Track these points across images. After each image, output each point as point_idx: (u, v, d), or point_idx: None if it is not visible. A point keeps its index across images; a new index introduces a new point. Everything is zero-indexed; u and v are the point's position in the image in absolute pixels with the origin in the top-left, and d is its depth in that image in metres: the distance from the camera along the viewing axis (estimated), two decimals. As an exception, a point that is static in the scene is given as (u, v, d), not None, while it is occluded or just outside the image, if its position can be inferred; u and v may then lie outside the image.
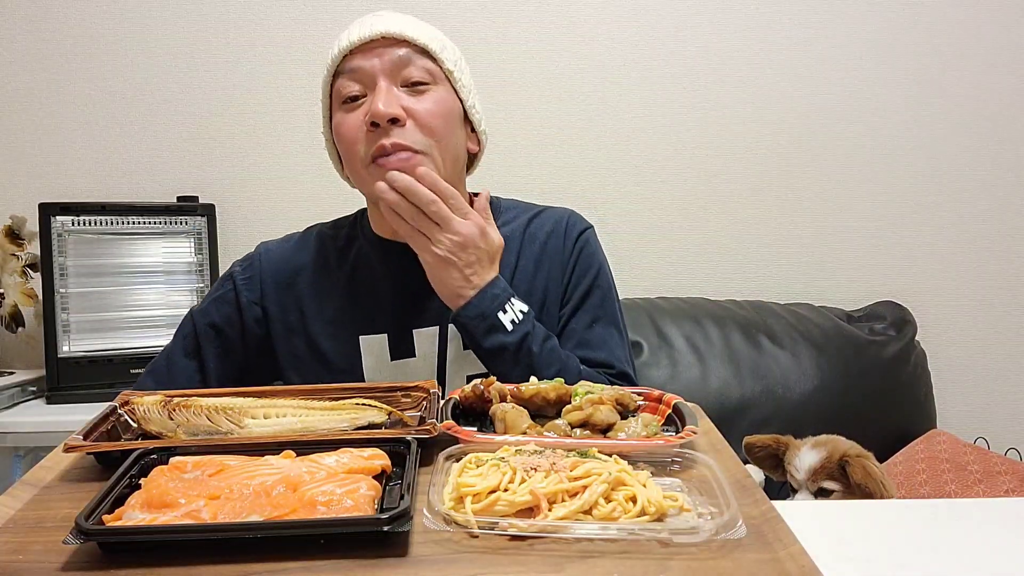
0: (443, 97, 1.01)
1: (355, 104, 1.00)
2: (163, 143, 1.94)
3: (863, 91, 1.97)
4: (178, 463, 0.60)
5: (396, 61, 0.98)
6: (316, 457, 0.61)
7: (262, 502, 0.53)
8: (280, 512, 0.52)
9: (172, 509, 0.52)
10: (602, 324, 1.09)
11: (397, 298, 1.07)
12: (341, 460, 0.60)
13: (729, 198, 1.99)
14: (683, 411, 0.73)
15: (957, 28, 1.95)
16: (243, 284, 1.10)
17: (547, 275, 1.10)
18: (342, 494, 0.54)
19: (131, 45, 1.92)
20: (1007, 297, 2.02)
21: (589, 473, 0.56)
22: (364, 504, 0.54)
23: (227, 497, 0.54)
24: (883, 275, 2.00)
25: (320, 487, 0.55)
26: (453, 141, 1.02)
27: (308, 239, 1.15)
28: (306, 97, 1.93)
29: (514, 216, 1.15)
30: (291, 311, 1.09)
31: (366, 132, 0.97)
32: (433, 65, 1.00)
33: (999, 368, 2.03)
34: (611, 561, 0.49)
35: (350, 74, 0.99)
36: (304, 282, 1.10)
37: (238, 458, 0.61)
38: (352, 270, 1.10)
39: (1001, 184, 1.99)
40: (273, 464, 0.60)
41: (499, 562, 0.49)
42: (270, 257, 1.12)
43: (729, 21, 1.95)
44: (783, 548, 0.51)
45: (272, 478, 0.57)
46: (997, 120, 1.98)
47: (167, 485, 0.55)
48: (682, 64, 1.96)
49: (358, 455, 0.61)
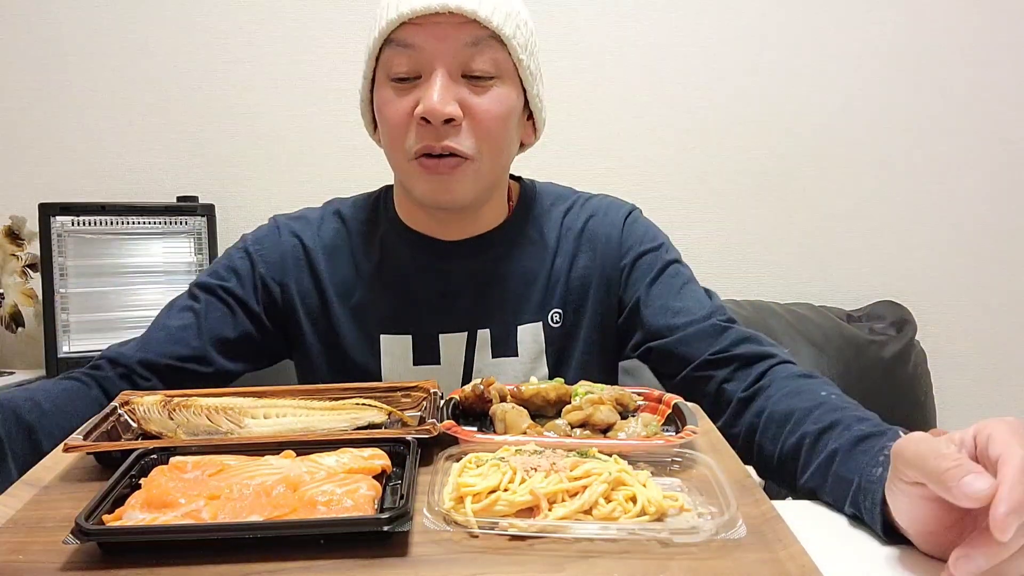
0: (505, 95, 0.90)
1: (405, 86, 0.89)
2: (163, 143, 1.94)
3: (863, 91, 1.97)
4: (178, 463, 0.60)
5: (460, 49, 0.86)
6: (316, 457, 0.61)
7: (262, 502, 0.54)
8: (280, 512, 0.52)
9: (172, 509, 0.52)
10: (689, 286, 1.00)
11: (425, 296, 0.99)
12: (341, 460, 0.60)
13: (729, 198, 1.99)
14: (683, 411, 0.73)
15: (957, 28, 1.95)
16: (260, 257, 1.00)
17: (584, 270, 1.01)
18: (342, 494, 0.54)
19: (131, 45, 1.92)
20: (1007, 297, 2.02)
21: (589, 473, 0.56)
22: (364, 504, 0.54)
23: (227, 497, 0.54)
24: (883, 275, 2.00)
25: (320, 487, 0.55)
26: (506, 143, 0.94)
27: (328, 216, 1.04)
28: (306, 97, 1.93)
29: (551, 204, 1.05)
30: (311, 294, 1.00)
31: (416, 124, 0.88)
32: (502, 54, 0.89)
33: (999, 368, 2.03)
34: (611, 561, 0.49)
35: (404, 49, 0.87)
36: (325, 264, 1.01)
37: (238, 458, 0.61)
38: (379, 259, 1.00)
39: (1001, 184, 1.99)
40: (273, 464, 0.60)
41: (499, 562, 0.49)
42: (290, 232, 1.02)
43: (726, 23, 1.95)
44: (783, 548, 0.51)
45: (272, 478, 0.57)
46: (997, 120, 1.98)
47: (167, 485, 0.55)
48: (681, 63, 1.96)
49: (358, 455, 0.61)
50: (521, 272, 1.01)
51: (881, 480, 0.62)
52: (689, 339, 0.94)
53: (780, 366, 0.90)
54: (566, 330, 1.01)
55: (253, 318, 1.00)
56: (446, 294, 0.99)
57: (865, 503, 0.64)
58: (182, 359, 0.95)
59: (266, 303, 1.01)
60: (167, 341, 0.96)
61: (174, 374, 0.95)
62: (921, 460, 0.54)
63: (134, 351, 0.95)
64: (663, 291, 0.99)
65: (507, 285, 1.00)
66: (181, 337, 0.96)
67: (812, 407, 0.79)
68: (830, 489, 0.70)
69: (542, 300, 1.01)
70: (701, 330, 0.94)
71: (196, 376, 0.96)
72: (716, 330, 0.94)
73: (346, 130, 1.87)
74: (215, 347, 0.97)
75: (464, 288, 0.99)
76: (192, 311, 0.98)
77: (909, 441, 0.56)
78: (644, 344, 0.98)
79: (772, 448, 0.81)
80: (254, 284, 1.00)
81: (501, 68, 0.89)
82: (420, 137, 0.88)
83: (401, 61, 0.88)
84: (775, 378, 0.87)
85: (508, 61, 0.90)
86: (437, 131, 0.87)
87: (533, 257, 1.01)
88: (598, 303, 1.01)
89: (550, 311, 1.01)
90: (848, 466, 0.68)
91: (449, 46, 0.86)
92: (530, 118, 0.98)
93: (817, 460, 0.73)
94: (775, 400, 0.84)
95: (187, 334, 0.97)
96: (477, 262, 1.00)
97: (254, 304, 1.00)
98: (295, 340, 1.02)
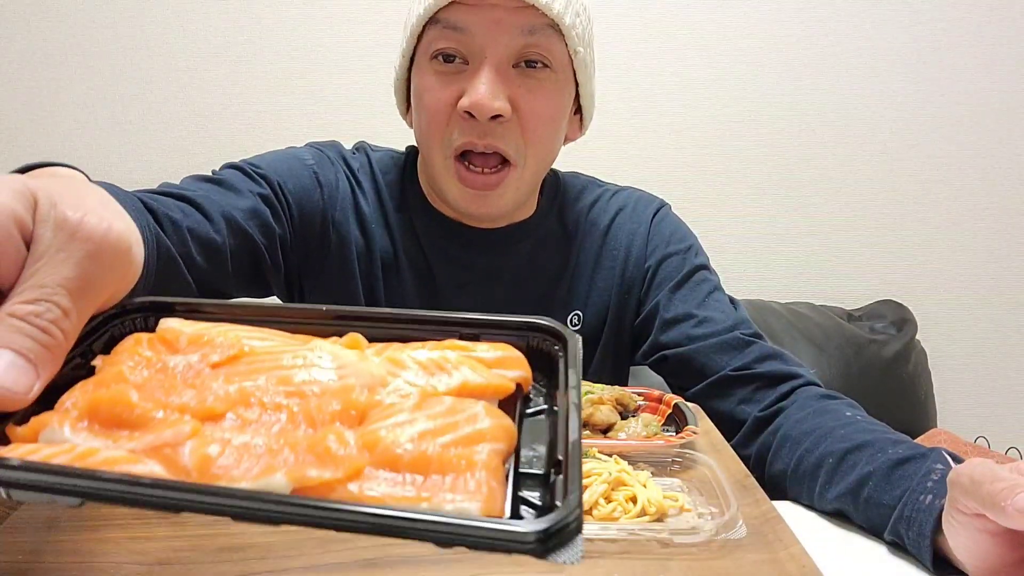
0: (557, 91, 0.84)
1: (448, 69, 0.81)
2: (163, 143, 1.94)
3: (863, 90, 1.97)
4: (168, 332, 0.34)
5: (515, 38, 0.79)
6: (406, 352, 0.33)
7: (298, 441, 0.28)
8: (332, 476, 0.27)
9: (132, 431, 0.29)
10: (715, 295, 0.96)
11: (446, 283, 0.93)
12: (446, 364, 0.33)
13: (729, 197, 1.99)
14: (683, 411, 0.73)
15: (957, 28, 1.95)
16: (326, 185, 0.88)
17: (608, 271, 0.96)
18: (453, 449, 0.28)
19: (131, 45, 1.92)
20: (1007, 297, 2.02)
21: (589, 473, 0.56)
22: (490, 473, 0.28)
23: (237, 420, 0.29)
24: (883, 274, 2.00)
25: (409, 424, 0.29)
26: (554, 145, 0.88)
27: (366, 166, 0.95)
28: (306, 97, 1.93)
29: (575, 198, 0.99)
30: (360, 242, 0.90)
31: (458, 117, 0.81)
32: (559, 45, 0.81)
33: (999, 368, 2.03)
34: (611, 561, 0.49)
35: (452, 31, 0.79)
36: (373, 216, 0.92)
37: (271, 334, 0.34)
38: (406, 230, 0.93)
39: (1001, 184, 1.99)
40: (328, 358, 0.32)
41: (499, 561, 0.49)
42: (344, 170, 0.93)
43: (729, 20, 1.95)
44: (783, 548, 0.51)
45: (324, 386, 0.31)
46: (997, 120, 1.97)
47: (136, 377, 0.31)
48: (681, 63, 1.96)
49: (472, 356, 0.34)
50: (543, 270, 0.96)
51: (931, 509, 0.57)
52: (709, 351, 0.88)
53: (805, 388, 0.84)
54: (584, 333, 0.95)
55: (292, 242, 0.88)
56: (464, 285, 0.93)
57: (910, 533, 0.59)
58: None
59: (317, 235, 0.90)
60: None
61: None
62: (977, 487, 0.49)
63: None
64: (687, 298, 0.94)
65: (529, 283, 0.96)
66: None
67: (836, 426, 0.73)
68: (862, 514, 0.65)
69: (564, 300, 0.96)
70: (723, 342, 0.88)
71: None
72: (739, 343, 0.88)
73: (347, 130, 1.87)
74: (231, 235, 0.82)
75: (485, 282, 0.94)
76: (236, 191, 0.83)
77: (966, 467, 0.51)
78: (659, 351, 0.93)
79: (785, 465, 0.75)
80: (313, 211, 0.89)
81: (556, 60, 0.82)
82: (463, 132, 0.81)
83: (449, 45, 0.80)
84: (798, 399, 0.82)
85: (564, 53, 0.82)
86: (482, 127, 0.80)
87: (556, 254, 0.97)
88: (617, 306, 0.96)
89: (570, 313, 0.96)
90: (887, 492, 0.63)
91: (503, 33, 0.78)
92: (577, 112, 0.92)
93: (844, 482, 0.67)
94: (795, 420, 0.78)
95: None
96: (501, 257, 0.95)
97: (301, 230, 0.88)
98: (337, 286, 0.89)
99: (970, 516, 0.51)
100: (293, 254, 0.89)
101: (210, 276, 0.77)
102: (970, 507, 0.50)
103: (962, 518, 0.52)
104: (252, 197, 0.82)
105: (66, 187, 0.33)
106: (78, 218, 0.31)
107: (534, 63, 0.81)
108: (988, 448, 1.66)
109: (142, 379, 0.31)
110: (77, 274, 0.29)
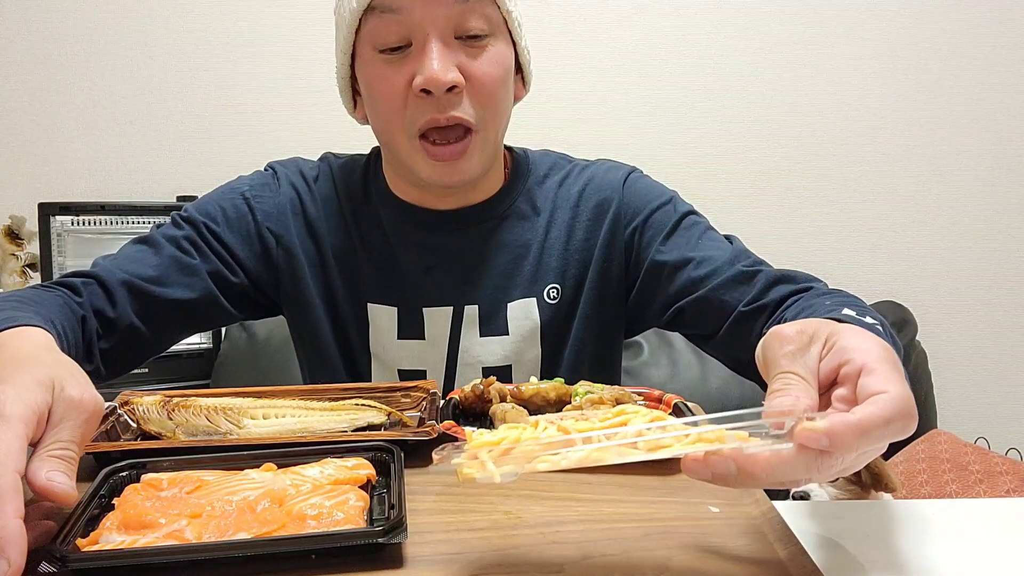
0: (501, 53, 0.86)
1: (395, 56, 0.83)
2: (163, 143, 1.94)
3: (863, 91, 1.97)
4: (152, 480, 0.56)
5: (451, 8, 0.81)
6: (299, 469, 0.58)
7: (248, 518, 0.51)
8: (269, 528, 0.50)
9: (153, 530, 0.50)
10: (708, 234, 0.95)
11: (411, 268, 0.95)
12: (325, 471, 0.57)
13: (728, 198, 1.99)
14: (683, 411, 0.73)
15: (957, 28, 1.95)
16: (259, 204, 0.95)
17: (584, 242, 0.96)
18: (331, 506, 0.52)
19: (131, 45, 1.92)
20: (1007, 297, 2.02)
21: (625, 412, 0.50)
22: (354, 516, 0.51)
23: (210, 515, 0.51)
24: (883, 275, 2.00)
25: (307, 500, 0.53)
26: (507, 105, 0.90)
27: (326, 172, 1.00)
28: (306, 96, 1.93)
29: (544, 175, 1.00)
30: (311, 249, 0.96)
31: (414, 97, 0.83)
32: (492, 9, 0.84)
33: (999, 368, 2.03)
34: (611, 561, 0.49)
35: (390, 15, 0.81)
36: (323, 220, 0.96)
37: (215, 473, 0.58)
38: (367, 227, 0.97)
39: (1001, 184, 1.99)
40: (255, 478, 0.57)
41: (498, 563, 0.49)
42: (289, 182, 0.98)
43: (729, 20, 1.95)
44: (783, 548, 0.51)
45: (255, 493, 0.54)
46: (997, 120, 1.98)
47: (143, 504, 0.52)
48: (680, 63, 1.96)
49: (342, 465, 0.58)
50: (510, 246, 0.96)
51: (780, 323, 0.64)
52: (718, 290, 0.87)
53: (809, 292, 0.83)
54: (564, 305, 0.96)
55: (234, 265, 0.95)
56: (431, 268, 0.95)
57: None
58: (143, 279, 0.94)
59: (259, 252, 0.96)
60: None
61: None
62: (763, 366, 0.54)
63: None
64: (680, 243, 0.93)
65: (494, 260, 0.96)
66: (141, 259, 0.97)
67: (816, 303, 0.76)
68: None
69: (534, 274, 0.96)
70: (729, 279, 0.87)
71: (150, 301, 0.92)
72: (744, 276, 0.87)
73: (347, 129, 1.87)
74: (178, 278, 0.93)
75: (449, 262, 0.95)
76: (178, 245, 0.95)
77: (768, 338, 0.54)
78: (672, 306, 0.91)
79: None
80: (250, 239, 0.95)
81: (493, 24, 0.85)
82: (423, 110, 0.83)
83: (390, 30, 0.82)
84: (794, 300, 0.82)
85: (498, 15, 0.86)
86: (441, 102, 0.82)
87: (524, 230, 0.97)
88: (599, 275, 0.96)
89: (546, 286, 0.96)
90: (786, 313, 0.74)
91: (439, 5, 0.81)
92: (518, 71, 0.94)
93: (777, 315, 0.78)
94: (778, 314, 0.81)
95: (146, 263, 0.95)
96: (463, 235, 0.96)
97: (243, 260, 0.95)
98: (293, 293, 0.97)
99: None
100: (245, 275, 0.96)
101: (181, 332, 0.97)
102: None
103: None
104: (172, 249, 0.94)
105: (67, 371, 0.55)
106: (78, 396, 0.52)
107: (476, 34, 0.84)
108: (988, 448, 1.66)
109: (148, 506, 0.53)
110: (81, 431, 0.52)
